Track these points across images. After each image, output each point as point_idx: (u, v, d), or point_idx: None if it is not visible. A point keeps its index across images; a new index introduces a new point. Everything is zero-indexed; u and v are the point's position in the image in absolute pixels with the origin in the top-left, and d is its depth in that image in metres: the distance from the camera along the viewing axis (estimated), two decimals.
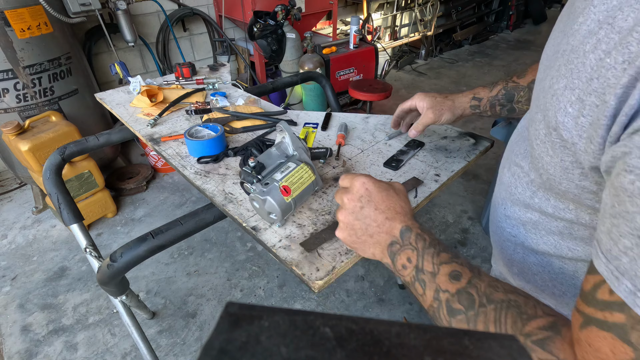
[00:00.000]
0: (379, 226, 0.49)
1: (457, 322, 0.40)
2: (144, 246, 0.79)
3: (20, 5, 1.78)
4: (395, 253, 0.47)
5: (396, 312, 1.72)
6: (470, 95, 0.77)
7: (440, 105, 0.77)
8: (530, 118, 0.43)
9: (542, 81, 0.40)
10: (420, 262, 0.45)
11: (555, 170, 0.39)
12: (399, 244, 0.47)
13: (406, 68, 4.53)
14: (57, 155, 1.09)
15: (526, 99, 0.70)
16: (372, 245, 0.50)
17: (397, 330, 0.15)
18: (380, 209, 0.49)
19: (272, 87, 1.47)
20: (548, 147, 0.38)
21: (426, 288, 0.43)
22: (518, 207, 0.51)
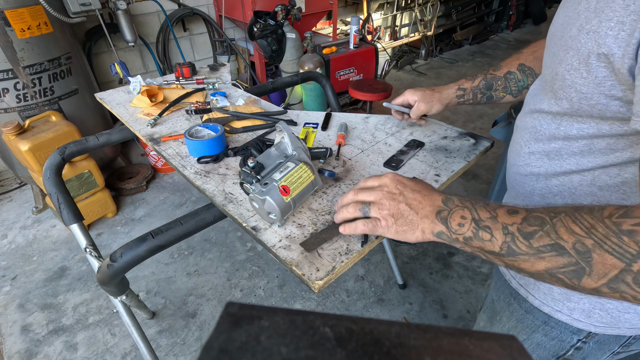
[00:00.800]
0: (421, 202, 0.53)
1: (536, 240, 0.42)
2: (144, 246, 0.79)
3: (20, 5, 1.78)
4: (446, 218, 0.51)
5: (396, 312, 1.72)
6: (456, 86, 0.88)
7: (430, 98, 0.88)
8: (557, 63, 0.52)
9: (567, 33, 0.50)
10: (476, 214, 0.48)
11: (589, 87, 0.47)
12: (447, 210, 0.51)
13: (406, 68, 4.53)
14: (57, 155, 1.09)
15: (502, 87, 0.83)
16: (419, 221, 0.53)
17: (397, 330, 0.15)
18: (417, 190, 0.55)
19: (272, 87, 1.47)
20: (583, 71, 0.47)
21: (493, 230, 0.46)
22: (542, 142, 0.59)
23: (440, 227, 0.51)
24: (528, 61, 0.82)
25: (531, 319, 0.67)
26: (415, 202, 0.53)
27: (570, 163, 0.56)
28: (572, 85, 0.50)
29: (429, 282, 1.84)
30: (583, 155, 0.54)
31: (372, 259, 1.97)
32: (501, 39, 5.53)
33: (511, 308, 0.72)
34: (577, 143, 0.54)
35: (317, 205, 0.73)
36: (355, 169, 0.85)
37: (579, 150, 0.55)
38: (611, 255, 0.38)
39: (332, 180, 0.80)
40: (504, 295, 0.74)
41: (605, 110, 0.48)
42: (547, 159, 0.60)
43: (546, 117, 0.58)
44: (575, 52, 0.49)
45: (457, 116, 3.43)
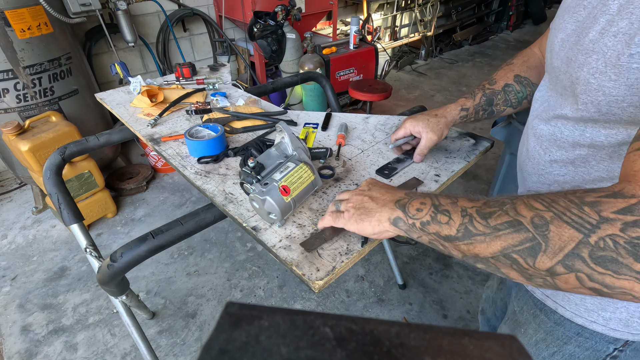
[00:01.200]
0: (384, 195, 0.55)
1: (494, 219, 0.41)
2: (144, 246, 0.79)
3: (21, 6, 1.78)
4: (405, 204, 0.51)
5: (396, 312, 1.72)
6: (458, 107, 0.83)
7: (437, 125, 0.82)
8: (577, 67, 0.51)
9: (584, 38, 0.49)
10: (437, 200, 0.48)
11: (620, 89, 0.46)
12: (407, 198, 0.52)
13: (406, 68, 4.53)
14: (57, 155, 1.09)
15: (503, 100, 0.81)
16: (378, 209, 0.53)
17: (397, 330, 0.15)
18: (385, 187, 0.58)
19: (272, 87, 1.47)
20: (611, 74, 0.46)
21: (451, 213, 0.45)
22: (565, 150, 0.57)
23: (397, 213, 0.51)
24: (522, 71, 0.80)
25: (562, 331, 0.66)
26: (378, 194, 0.56)
27: (600, 169, 0.54)
28: (599, 89, 0.49)
29: (429, 283, 1.84)
30: (613, 161, 0.52)
31: (372, 259, 1.97)
32: (501, 39, 5.53)
33: (538, 320, 0.70)
34: (605, 150, 0.52)
35: (317, 205, 0.73)
36: (356, 169, 0.85)
37: (607, 156, 0.52)
38: (569, 226, 0.36)
39: (332, 181, 0.80)
40: (527, 306, 0.72)
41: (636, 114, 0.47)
42: (572, 167, 0.58)
43: (567, 123, 0.56)
44: (600, 55, 0.47)
45: None
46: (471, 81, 4.16)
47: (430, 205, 0.48)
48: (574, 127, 0.55)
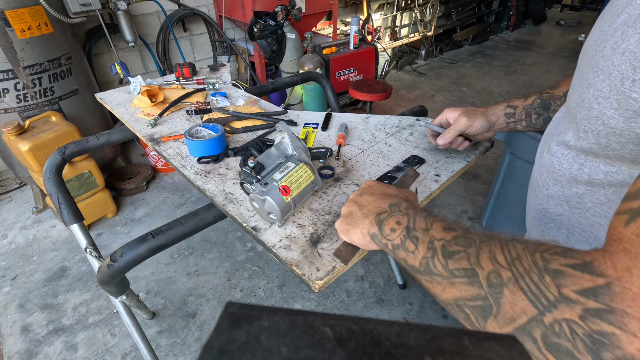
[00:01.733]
0: (370, 203, 0.51)
1: (454, 262, 0.37)
2: (144, 246, 0.79)
3: (21, 6, 1.78)
4: (382, 220, 0.47)
5: (396, 312, 1.72)
6: (504, 104, 0.75)
7: (473, 112, 0.75)
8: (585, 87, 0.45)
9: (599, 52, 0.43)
10: (412, 222, 0.44)
11: (619, 121, 0.40)
12: (387, 212, 0.48)
13: (406, 68, 4.53)
14: (57, 155, 1.09)
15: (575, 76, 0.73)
16: (361, 220, 0.50)
17: (397, 330, 0.15)
18: (376, 194, 0.53)
19: (272, 87, 1.47)
20: (613, 101, 0.40)
21: (419, 242, 0.42)
22: (561, 185, 0.51)
23: (374, 229, 0.48)
24: None
25: None
26: (365, 203, 0.52)
27: (597, 214, 0.48)
28: (599, 117, 0.42)
29: None
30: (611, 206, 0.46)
31: (372, 259, 1.97)
32: (501, 39, 5.53)
33: None
34: (603, 190, 0.46)
35: (317, 205, 0.73)
36: (356, 169, 0.85)
37: (606, 199, 0.46)
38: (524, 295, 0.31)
39: (332, 181, 0.80)
40: None
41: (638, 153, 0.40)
42: (567, 206, 0.51)
43: (568, 154, 0.50)
44: (606, 75, 0.41)
45: None
46: (471, 81, 4.16)
47: (404, 227, 0.44)
48: (573, 159, 0.49)
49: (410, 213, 0.46)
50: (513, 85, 4.05)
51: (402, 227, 0.45)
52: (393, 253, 0.45)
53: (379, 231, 0.47)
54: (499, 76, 4.29)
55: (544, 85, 3.10)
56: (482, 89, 3.97)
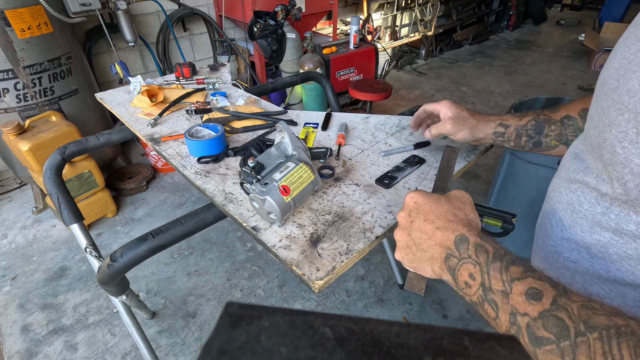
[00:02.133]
0: (430, 238, 0.44)
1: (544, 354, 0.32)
2: (144, 246, 0.79)
3: (21, 5, 1.78)
4: (454, 269, 0.42)
5: (396, 312, 1.72)
6: (498, 121, 0.70)
7: (463, 121, 0.71)
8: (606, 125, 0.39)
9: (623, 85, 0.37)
10: (487, 279, 0.38)
11: None
12: (457, 258, 0.42)
13: (406, 68, 4.53)
14: (57, 155, 1.09)
15: (557, 133, 0.64)
16: (427, 261, 0.45)
17: (397, 330, 0.15)
18: (430, 219, 0.45)
19: (272, 87, 1.47)
20: None
21: (499, 311, 0.36)
22: (581, 228, 0.44)
23: (448, 277, 0.43)
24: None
25: None
26: (424, 237, 0.45)
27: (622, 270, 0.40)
28: (625, 164, 0.36)
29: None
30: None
31: (372, 259, 1.97)
32: (501, 39, 5.53)
33: None
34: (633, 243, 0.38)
35: (317, 205, 0.73)
36: (356, 169, 0.85)
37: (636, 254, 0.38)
38: None
39: (332, 180, 0.80)
40: None
41: None
42: (587, 254, 0.44)
43: (589, 193, 0.43)
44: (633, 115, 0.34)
45: None
46: (471, 81, 4.16)
47: (480, 285, 0.39)
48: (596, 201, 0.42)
49: (481, 262, 0.39)
50: (513, 85, 4.05)
51: (477, 284, 0.39)
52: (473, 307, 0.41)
53: (453, 281, 0.42)
54: (499, 76, 4.29)
55: (544, 84, 3.10)
56: (482, 89, 3.97)
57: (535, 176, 1.62)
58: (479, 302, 0.39)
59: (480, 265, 0.39)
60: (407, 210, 0.48)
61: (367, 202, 0.73)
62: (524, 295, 0.35)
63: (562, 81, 4.09)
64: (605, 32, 4.48)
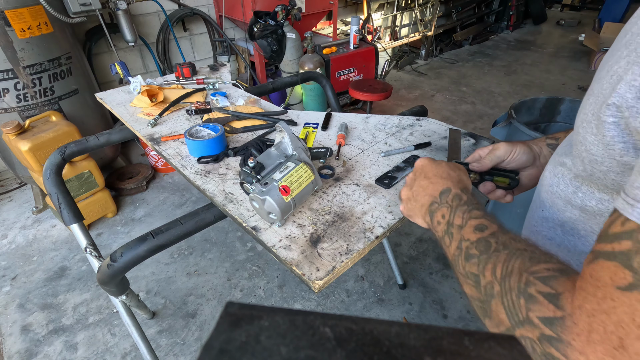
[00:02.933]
0: (424, 189, 0.55)
1: (469, 265, 0.43)
2: (144, 246, 0.79)
3: (21, 5, 1.78)
4: (433, 212, 0.52)
5: (396, 312, 1.72)
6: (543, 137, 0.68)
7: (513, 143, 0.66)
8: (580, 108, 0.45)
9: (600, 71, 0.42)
10: (452, 217, 0.48)
11: (598, 148, 0.39)
12: (437, 203, 0.51)
13: (406, 68, 4.53)
14: (57, 155, 1.09)
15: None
16: (419, 209, 0.55)
17: (397, 330, 0.15)
18: (428, 177, 0.55)
19: (272, 87, 1.47)
20: (593, 126, 0.39)
21: (452, 239, 0.47)
22: (557, 207, 0.50)
23: (428, 219, 0.53)
24: None
25: None
26: (420, 189, 0.55)
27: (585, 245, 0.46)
28: (583, 142, 0.41)
29: (429, 282, 1.84)
30: None
31: (372, 259, 1.97)
32: (501, 39, 5.53)
33: None
34: (595, 219, 0.44)
35: (317, 205, 0.73)
36: (356, 169, 0.85)
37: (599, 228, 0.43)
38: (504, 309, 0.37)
39: (332, 180, 0.80)
40: None
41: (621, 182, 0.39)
42: (560, 231, 0.50)
43: (565, 177, 0.48)
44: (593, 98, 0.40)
45: (457, 116, 3.43)
46: (471, 81, 4.16)
47: (446, 222, 0.49)
48: (570, 182, 0.48)
49: (453, 205, 0.49)
50: (513, 85, 4.05)
51: (445, 221, 0.49)
52: (439, 242, 0.50)
53: (430, 222, 0.52)
54: (499, 76, 4.29)
55: (544, 85, 3.09)
56: (482, 89, 3.97)
57: None
58: (442, 235, 0.49)
59: (452, 208, 0.49)
60: (415, 171, 0.58)
61: (367, 202, 0.73)
62: (472, 228, 0.45)
63: (562, 81, 4.09)
64: (605, 32, 4.47)
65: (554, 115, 1.89)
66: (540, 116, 1.90)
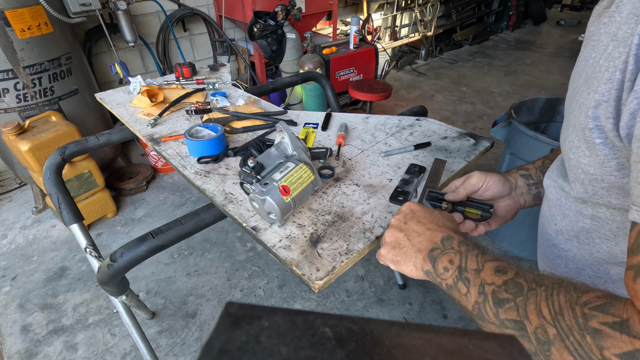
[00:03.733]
0: (420, 235, 0.50)
1: (504, 311, 0.39)
2: (144, 246, 0.79)
3: (21, 5, 1.78)
4: (436, 258, 0.47)
5: (396, 312, 1.72)
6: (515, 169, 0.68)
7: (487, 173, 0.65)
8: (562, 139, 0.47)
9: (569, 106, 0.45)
10: (464, 262, 0.45)
11: (595, 168, 0.41)
12: (440, 249, 0.48)
13: (406, 68, 4.53)
14: (57, 155, 1.09)
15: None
16: (413, 254, 0.50)
17: (397, 330, 0.15)
18: (422, 222, 0.52)
19: (272, 87, 1.47)
20: (584, 149, 0.42)
21: (470, 285, 0.43)
22: (569, 219, 0.50)
23: (428, 266, 0.48)
24: None
25: None
26: (415, 234, 0.51)
27: (602, 250, 0.47)
28: (578, 166, 0.44)
29: (429, 283, 1.84)
30: (617, 242, 0.45)
31: (372, 259, 1.97)
32: (501, 39, 5.53)
33: None
34: (608, 225, 0.45)
35: (317, 205, 0.73)
36: (356, 169, 0.85)
37: (612, 234, 0.45)
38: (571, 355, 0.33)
39: (332, 181, 0.80)
40: None
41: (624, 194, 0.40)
42: (576, 242, 0.50)
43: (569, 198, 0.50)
44: (573, 128, 0.43)
45: (457, 116, 3.43)
46: (471, 81, 4.16)
47: (457, 267, 0.45)
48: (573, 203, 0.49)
49: (462, 250, 0.46)
50: (513, 85, 4.05)
51: (454, 267, 0.45)
52: (447, 292, 0.46)
53: (433, 269, 0.47)
54: (499, 76, 4.29)
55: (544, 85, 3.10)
56: (482, 89, 3.97)
57: None
58: (453, 283, 0.45)
59: (461, 253, 0.46)
60: (403, 214, 0.54)
61: (367, 202, 0.73)
62: (492, 270, 0.42)
63: (561, 81, 4.09)
64: None
65: (553, 116, 1.89)
66: (540, 116, 1.90)
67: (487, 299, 0.41)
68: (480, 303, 0.41)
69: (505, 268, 0.42)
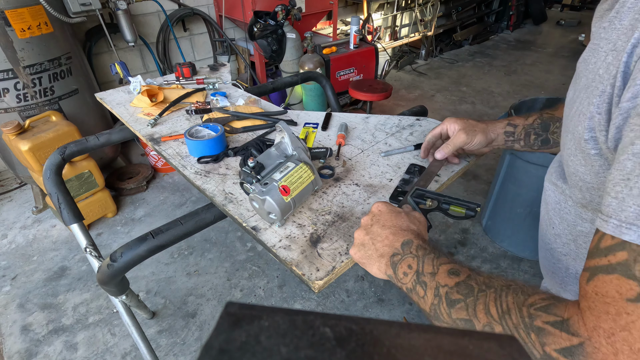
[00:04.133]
0: (383, 240, 0.52)
1: (456, 311, 0.41)
2: (144, 246, 0.79)
3: (21, 5, 1.78)
4: (396, 263, 0.49)
5: (396, 312, 1.72)
6: (505, 121, 0.73)
7: (473, 127, 0.73)
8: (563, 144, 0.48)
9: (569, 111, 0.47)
10: (421, 266, 0.46)
11: (591, 177, 0.43)
12: (400, 254, 0.49)
13: (406, 68, 4.53)
14: (57, 155, 1.09)
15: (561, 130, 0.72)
16: (377, 259, 0.51)
17: (397, 330, 0.15)
18: (386, 226, 0.53)
19: (272, 87, 1.47)
20: (580, 158, 0.43)
21: (427, 288, 0.44)
22: (567, 223, 0.52)
23: (390, 271, 0.50)
24: None
25: None
26: (378, 238, 0.52)
27: None
28: (575, 173, 0.45)
29: None
30: None
31: None
32: (501, 39, 5.52)
33: None
34: None
35: (317, 205, 0.73)
36: (356, 169, 0.85)
37: None
38: None
39: (332, 180, 0.80)
40: None
41: None
42: (574, 245, 0.52)
43: (569, 201, 0.51)
44: (572, 135, 0.44)
45: (457, 116, 3.43)
46: (471, 81, 4.16)
47: (415, 272, 0.46)
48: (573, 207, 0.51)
49: (419, 255, 0.48)
50: (513, 85, 4.05)
51: (412, 272, 0.47)
52: (408, 295, 0.48)
53: (394, 274, 0.49)
54: (499, 76, 4.29)
55: (544, 85, 3.11)
56: (482, 89, 3.97)
57: (535, 176, 1.62)
58: (412, 286, 0.47)
59: (418, 257, 0.47)
60: (371, 215, 0.55)
61: (367, 202, 0.73)
62: (446, 273, 0.44)
63: (562, 81, 4.09)
64: None
65: None
66: None
67: (442, 300, 0.42)
68: (435, 305, 0.43)
69: (458, 270, 0.44)
